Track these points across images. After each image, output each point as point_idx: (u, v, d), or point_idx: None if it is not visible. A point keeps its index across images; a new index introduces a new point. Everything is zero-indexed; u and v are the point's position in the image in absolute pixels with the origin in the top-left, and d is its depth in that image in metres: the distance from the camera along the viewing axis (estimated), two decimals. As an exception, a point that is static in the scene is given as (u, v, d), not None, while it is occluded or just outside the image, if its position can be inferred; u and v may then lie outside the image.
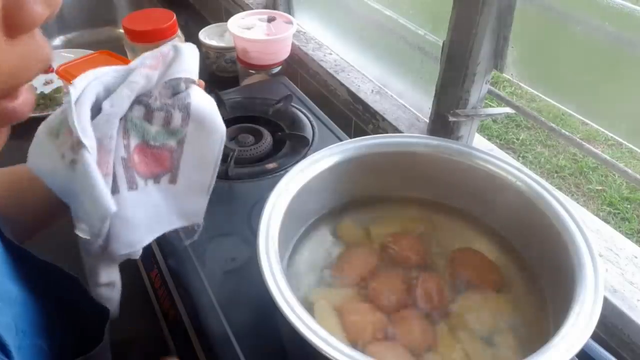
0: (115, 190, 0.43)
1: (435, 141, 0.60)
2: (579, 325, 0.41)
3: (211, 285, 0.60)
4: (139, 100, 0.45)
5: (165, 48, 0.47)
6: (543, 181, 0.55)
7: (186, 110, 0.46)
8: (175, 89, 0.46)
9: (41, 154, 0.44)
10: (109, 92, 0.44)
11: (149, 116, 0.45)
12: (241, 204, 0.71)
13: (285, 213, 0.51)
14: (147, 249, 0.75)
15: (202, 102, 0.47)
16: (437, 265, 0.57)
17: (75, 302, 0.45)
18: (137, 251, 0.47)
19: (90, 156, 0.40)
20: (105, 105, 0.43)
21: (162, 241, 0.52)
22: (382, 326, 0.50)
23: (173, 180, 0.47)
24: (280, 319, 0.42)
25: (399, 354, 0.48)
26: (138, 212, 0.45)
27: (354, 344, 0.48)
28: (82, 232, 0.43)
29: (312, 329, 0.40)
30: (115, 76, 0.45)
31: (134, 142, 0.45)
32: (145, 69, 0.45)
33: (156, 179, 0.47)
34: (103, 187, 0.40)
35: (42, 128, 0.44)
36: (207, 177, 0.49)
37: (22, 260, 0.42)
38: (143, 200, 0.46)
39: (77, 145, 0.40)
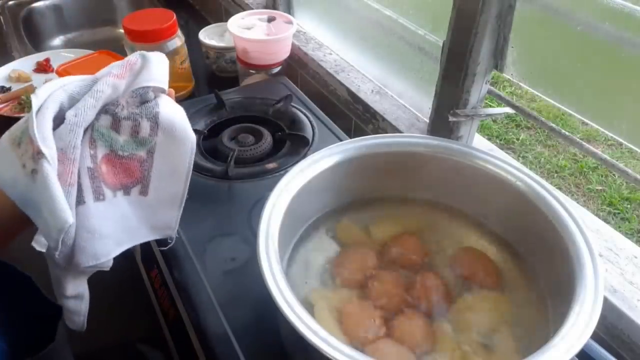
0: (80, 200, 0.42)
1: (435, 141, 0.60)
2: (579, 325, 0.41)
3: (211, 285, 0.60)
4: (106, 109, 0.45)
5: (133, 57, 0.47)
6: (543, 181, 0.55)
7: (155, 119, 0.45)
8: (143, 97, 0.46)
9: (3, 163, 0.43)
10: (74, 101, 0.44)
11: (116, 125, 0.45)
12: (241, 204, 0.71)
13: (285, 213, 0.51)
14: (148, 249, 0.75)
15: (171, 111, 0.47)
16: (437, 265, 0.58)
17: (28, 300, 0.44)
18: (104, 263, 0.45)
19: (50, 166, 0.39)
20: (69, 114, 0.42)
21: (163, 241, 0.52)
22: (382, 326, 0.50)
23: (144, 192, 0.47)
24: (280, 319, 0.42)
25: (399, 354, 0.48)
26: (105, 224, 0.44)
27: (354, 344, 0.48)
28: (38, 245, 0.42)
29: (312, 329, 0.40)
30: (80, 85, 0.45)
31: (101, 152, 0.44)
32: (111, 77, 0.44)
33: (126, 190, 0.46)
34: (61, 198, 0.40)
35: (5, 136, 0.43)
36: (179, 189, 0.49)
37: None
38: (111, 212, 0.45)
39: (38, 155, 0.39)
